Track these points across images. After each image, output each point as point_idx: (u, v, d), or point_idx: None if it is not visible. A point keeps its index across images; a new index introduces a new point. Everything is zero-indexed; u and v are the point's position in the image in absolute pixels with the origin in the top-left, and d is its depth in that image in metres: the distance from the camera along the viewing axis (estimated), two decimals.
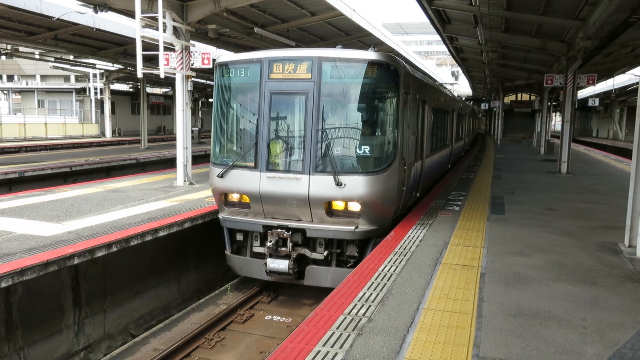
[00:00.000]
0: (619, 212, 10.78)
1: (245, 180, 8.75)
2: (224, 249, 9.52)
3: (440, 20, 19.24)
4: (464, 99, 38.74)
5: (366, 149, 8.48)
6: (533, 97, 44.97)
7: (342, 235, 8.49)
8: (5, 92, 58.02)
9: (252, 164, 8.71)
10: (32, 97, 47.22)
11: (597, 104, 41.88)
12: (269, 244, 8.51)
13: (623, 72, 32.79)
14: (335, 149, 8.43)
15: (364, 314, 5.12)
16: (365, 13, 21.04)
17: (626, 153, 35.17)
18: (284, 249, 8.59)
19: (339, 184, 8.18)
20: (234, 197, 9.13)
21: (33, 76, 65.12)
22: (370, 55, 8.42)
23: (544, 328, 4.89)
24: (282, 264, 8.50)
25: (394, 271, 6.53)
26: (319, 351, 4.34)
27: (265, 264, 8.62)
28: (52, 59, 30.49)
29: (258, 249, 9.00)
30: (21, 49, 25.95)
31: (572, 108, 18.89)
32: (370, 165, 8.48)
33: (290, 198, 8.51)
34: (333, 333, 4.69)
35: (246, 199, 8.96)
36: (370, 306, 5.34)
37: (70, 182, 18.00)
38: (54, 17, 19.39)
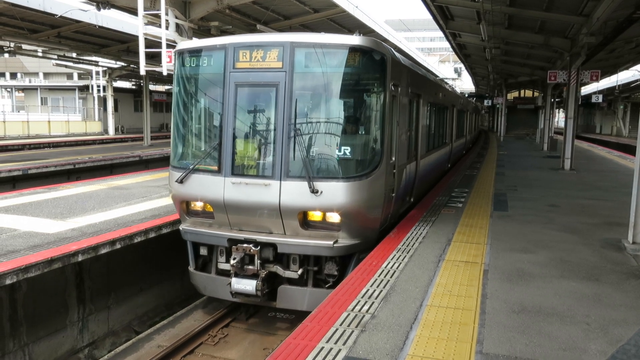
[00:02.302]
0: (622, 209, 10.75)
1: (208, 187, 7.60)
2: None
3: (443, 16, 19.19)
4: (467, 95, 38.57)
5: (347, 150, 7.29)
6: (536, 94, 44.82)
7: (318, 251, 7.32)
8: (9, 89, 58.20)
9: (215, 168, 7.56)
10: (35, 95, 47.33)
11: (600, 100, 41.69)
12: (232, 261, 7.40)
13: (627, 68, 32.69)
14: (311, 150, 7.28)
15: (367, 311, 5.13)
16: (367, 10, 21.02)
17: (630, 149, 35.03)
18: (250, 267, 7.44)
19: (314, 191, 7.03)
20: (197, 205, 7.96)
21: (36, 74, 65.27)
22: (351, 40, 7.25)
23: (548, 324, 4.89)
24: (248, 285, 7.35)
25: (397, 268, 6.54)
26: (323, 347, 4.35)
27: (230, 283, 7.51)
28: (55, 57, 30.55)
29: (224, 266, 7.84)
30: (24, 46, 26.01)
31: (575, 104, 18.83)
32: (351, 168, 7.33)
33: (259, 207, 7.36)
34: (336, 330, 4.70)
35: (210, 208, 7.81)
36: (373, 303, 5.35)
37: (74, 179, 18.05)
38: (56, 15, 19.43)
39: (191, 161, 7.83)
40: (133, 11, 15.18)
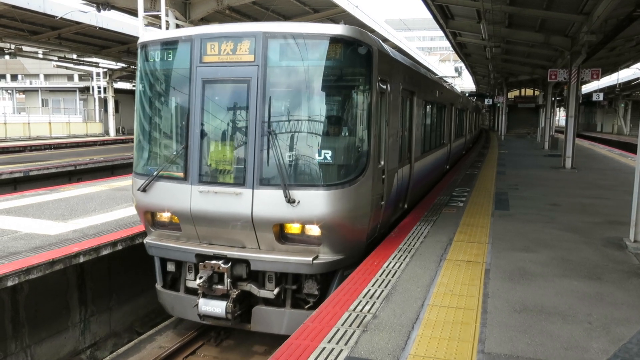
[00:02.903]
0: (624, 207, 10.74)
1: (173, 196, 6.86)
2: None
3: (444, 15, 19.20)
4: (467, 94, 38.53)
5: (327, 154, 6.47)
6: (537, 92, 44.80)
7: (296, 269, 6.56)
8: (9, 91, 58.28)
9: (182, 174, 6.83)
10: (36, 97, 47.38)
11: (601, 98, 41.62)
12: (199, 280, 6.65)
13: (627, 67, 32.68)
14: (287, 154, 6.52)
15: (368, 311, 5.13)
16: (367, 9, 21.03)
17: (631, 148, 35.02)
18: (219, 286, 6.69)
19: (291, 200, 6.31)
20: (164, 216, 7.22)
21: (37, 75, 65.36)
22: (332, 29, 6.48)
23: (549, 324, 4.88)
24: (217, 307, 6.60)
25: (399, 267, 6.53)
26: (324, 348, 4.34)
27: (197, 305, 6.75)
28: (56, 58, 30.61)
29: (192, 284, 7.02)
30: (25, 48, 26.06)
31: (576, 103, 18.82)
32: (333, 175, 6.56)
33: (229, 219, 6.62)
34: (338, 330, 4.70)
35: (177, 219, 7.09)
36: (375, 303, 5.34)
37: (75, 180, 18.07)
38: (57, 16, 19.45)
39: (155, 167, 7.05)
40: (133, 12, 15.20)
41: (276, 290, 6.71)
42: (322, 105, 6.74)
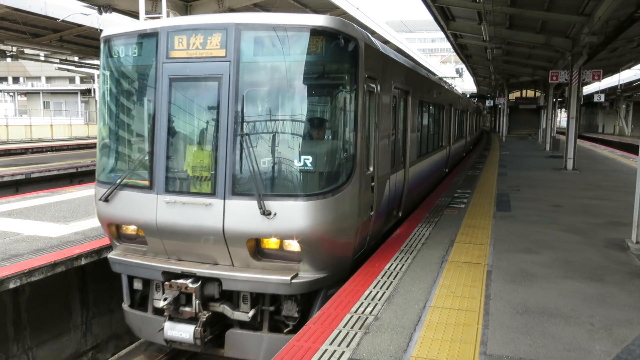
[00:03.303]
0: (626, 208, 10.71)
1: (137, 207, 6.23)
2: None
3: (444, 17, 19.21)
4: (468, 95, 38.52)
5: (308, 160, 5.84)
6: (538, 94, 44.82)
7: (272, 289, 5.90)
8: (11, 94, 58.40)
9: (147, 183, 6.20)
10: (37, 99, 47.51)
11: (602, 99, 41.63)
12: (162, 302, 5.99)
13: (629, 68, 32.66)
14: (261, 160, 5.90)
15: (370, 312, 5.12)
16: (368, 11, 21.05)
17: (632, 149, 34.97)
18: (187, 309, 6.03)
19: (266, 212, 5.67)
20: (130, 228, 6.57)
21: (38, 78, 65.48)
22: (313, 20, 5.84)
23: (552, 325, 4.87)
24: (184, 331, 5.97)
25: (400, 269, 6.53)
26: (326, 350, 4.34)
27: (163, 329, 6.13)
28: (57, 61, 30.68)
29: (161, 304, 6.23)
30: (26, 50, 26.12)
31: (577, 104, 18.82)
32: (313, 183, 5.93)
33: (199, 233, 6.00)
34: (340, 331, 4.70)
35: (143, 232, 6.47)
36: (376, 304, 5.34)
37: (77, 183, 18.09)
38: (58, 19, 19.50)
39: (119, 174, 6.42)
40: (134, 15, 15.23)
41: (251, 312, 6.05)
42: (302, 105, 6.04)
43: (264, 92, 6.17)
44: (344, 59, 6.16)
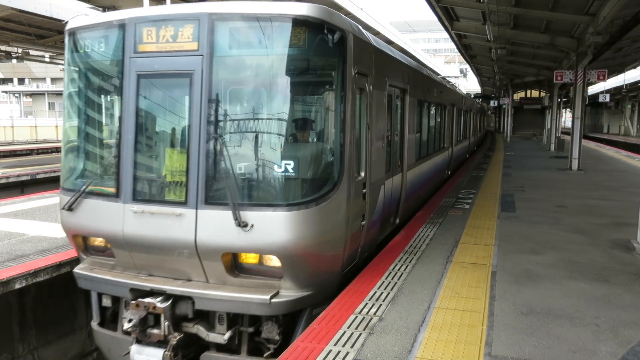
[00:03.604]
0: (631, 209, 10.67)
1: (103, 216, 5.65)
2: None
3: (448, 17, 19.19)
4: (472, 96, 38.44)
5: (289, 165, 5.27)
6: (543, 94, 44.71)
7: (249, 309, 5.31)
8: (17, 95, 58.70)
9: (113, 190, 5.62)
10: (42, 100, 47.73)
11: (607, 99, 41.50)
12: (127, 325, 5.40)
13: (634, 67, 32.51)
14: (238, 166, 5.36)
15: (374, 313, 5.12)
16: (372, 11, 21.06)
17: (638, 149, 34.85)
18: (155, 331, 5.45)
19: (242, 224, 5.12)
20: (98, 239, 6.01)
21: (43, 79, 65.77)
22: (294, 9, 5.27)
23: (557, 326, 4.86)
24: (152, 356, 5.43)
25: (405, 270, 6.52)
26: (330, 350, 4.34)
27: (129, 352, 5.62)
28: (63, 62, 30.77)
29: (125, 325, 5.66)
30: (32, 52, 26.24)
31: (582, 104, 18.75)
32: (296, 191, 5.40)
33: (169, 246, 5.43)
34: (344, 332, 4.70)
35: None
36: (381, 305, 5.34)
37: None
38: (63, 20, 19.56)
39: (84, 181, 5.87)
40: None
41: (228, 334, 5.46)
42: (282, 104, 5.45)
43: (241, 90, 5.62)
44: (329, 52, 5.58)
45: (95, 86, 6.08)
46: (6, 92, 60.60)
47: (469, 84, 63.96)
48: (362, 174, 6.32)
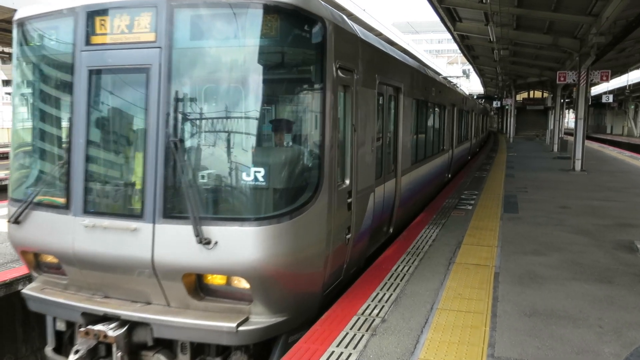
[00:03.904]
0: (634, 210, 10.66)
1: (52, 231, 5.02)
2: None
3: (451, 18, 19.19)
4: (475, 97, 38.37)
5: (259, 173, 4.62)
6: (545, 95, 44.62)
7: (214, 338, 4.70)
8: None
9: (63, 201, 4.98)
10: None
11: (611, 100, 41.36)
12: (73, 357, 4.77)
13: (637, 68, 32.46)
14: (200, 173, 4.77)
15: (377, 314, 5.12)
16: (375, 12, 21.07)
17: None
18: None
19: (204, 240, 4.49)
20: (50, 256, 5.31)
21: None
22: None
23: (560, 327, 4.85)
24: None
25: (407, 271, 6.51)
26: (333, 352, 4.34)
27: None
28: None
29: (71, 358, 4.99)
30: None
31: (585, 105, 18.73)
32: (267, 203, 4.74)
33: (123, 265, 4.80)
34: (347, 333, 4.69)
35: None
36: (383, 306, 5.33)
37: None
38: None
39: (34, 190, 5.18)
40: None
41: None
42: (251, 103, 4.79)
43: (203, 87, 4.95)
44: (305, 44, 4.98)
45: (45, 84, 5.38)
46: (8, 93, 60.82)
47: (472, 85, 63.93)
48: (347, 182, 5.74)
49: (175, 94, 4.71)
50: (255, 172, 4.64)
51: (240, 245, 4.55)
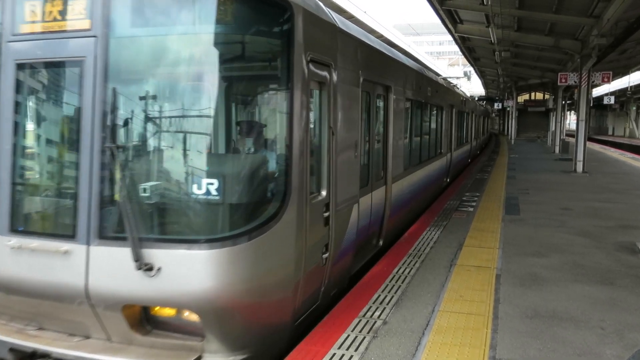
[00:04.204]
0: (636, 212, 10.65)
1: None
2: None
3: (452, 20, 19.20)
4: (476, 98, 38.38)
5: (212, 185, 3.93)
6: (547, 96, 44.63)
7: None
8: None
9: None
10: None
11: (612, 101, 41.39)
12: None
13: (639, 69, 32.39)
14: (141, 186, 4.08)
15: (378, 317, 5.11)
16: (376, 14, 21.10)
17: None
18: None
19: (145, 266, 3.80)
20: None
21: None
22: None
23: (562, 329, 4.84)
24: None
25: (409, 273, 6.51)
26: (334, 354, 4.33)
27: None
28: None
29: None
30: None
31: (587, 106, 18.70)
32: (221, 221, 4.10)
33: (54, 294, 4.10)
34: (348, 335, 4.69)
35: None
36: (385, 308, 5.33)
37: None
38: None
39: None
40: None
41: None
42: (204, 102, 4.17)
43: (147, 83, 4.24)
44: (267, 32, 4.34)
45: None
46: None
47: (473, 87, 63.93)
48: (324, 193, 5.04)
49: (113, 91, 4.00)
50: (208, 184, 3.94)
51: (188, 272, 3.84)
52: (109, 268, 3.97)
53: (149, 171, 4.23)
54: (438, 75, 21.67)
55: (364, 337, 4.64)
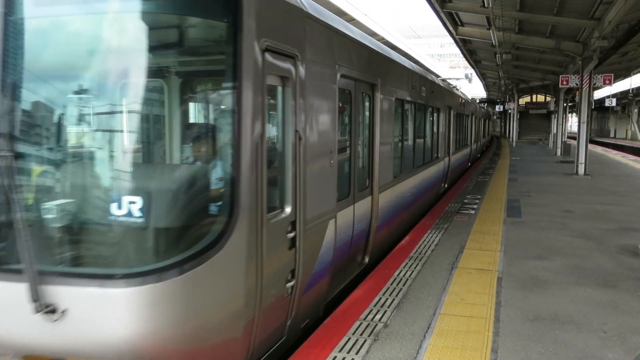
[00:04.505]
0: (638, 214, 10.63)
1: None
2: None
3: (453, 23, 19.22)
4: (477, 100, 38.33)
5: (134, 203, 3.18)
6: (548, 98, 44.63)
7: None
8: None
9: None
10: None
11: (614, 104, 41.40)
12: None
13: None
14: (44, 205, 3.30)
15: (379, 320, 5.10)
16: (377, 17, 21.13)
17: None
18: None
19: (47, 308, 3.04)
20: None
21: None
22: None
23: (563, 333, 4.82)
24: None
25: (410, 276, 6.49)
26: (335, 357, 4.32)
27: None
28: None
29: None
30: None
31: (588, 109, 18.69)
32: (146, 250, 3.31)
33: None
34: (349, 339, 4.68)
35: None
36: (386, 311, 5.31)
37: None
38: None
39: None
40: None
41: None
42: (125, 99, 3.44)
43: (57, 74, 3.55)
44: (206, 11, 3.51)
45: None
46: None
47: (474, 89, 63.93)
48: (288, 209, 4.24)
49: (12, 86, 3.22)
50: (130, 202, 3.15)
51: (100, 315, 3.04)
52: (1, 309, 3.16)
53: (54, 186, 3.44)
54: (437, 76, 21.49)
55: (365, 340, 4.63)
